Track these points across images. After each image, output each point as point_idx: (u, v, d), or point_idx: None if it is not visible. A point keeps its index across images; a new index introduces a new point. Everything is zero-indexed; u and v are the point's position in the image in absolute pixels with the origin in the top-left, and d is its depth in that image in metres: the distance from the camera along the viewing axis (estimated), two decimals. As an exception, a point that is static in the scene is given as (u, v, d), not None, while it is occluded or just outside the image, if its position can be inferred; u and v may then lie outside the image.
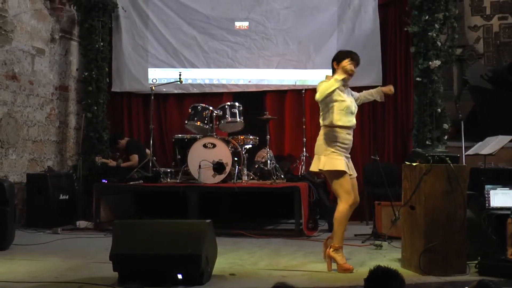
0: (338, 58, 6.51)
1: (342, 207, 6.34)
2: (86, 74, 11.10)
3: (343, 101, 6.42)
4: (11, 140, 9.61)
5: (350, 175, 6.43)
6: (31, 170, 10.07)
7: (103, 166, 10.37)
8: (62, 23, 11.05)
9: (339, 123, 6.41)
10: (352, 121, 6.49)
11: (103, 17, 11.17)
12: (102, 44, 11.16)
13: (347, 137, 6.45)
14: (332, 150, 6.38)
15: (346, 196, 6.36)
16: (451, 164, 6.08)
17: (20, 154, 9.84)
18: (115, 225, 6.16)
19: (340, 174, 6.35)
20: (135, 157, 10.46)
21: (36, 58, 10.28)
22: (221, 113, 9.89)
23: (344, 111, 6.42)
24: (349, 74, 6.42)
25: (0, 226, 7.52)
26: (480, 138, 9.12)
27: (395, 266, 4.59)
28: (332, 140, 6.40)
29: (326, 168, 6.39)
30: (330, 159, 6.38)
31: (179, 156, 9.99)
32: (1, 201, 7.59)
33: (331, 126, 6.42)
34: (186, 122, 10.02)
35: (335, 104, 6.41)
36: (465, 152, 9.01)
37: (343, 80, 6.33)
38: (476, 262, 6.05)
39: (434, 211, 6.02)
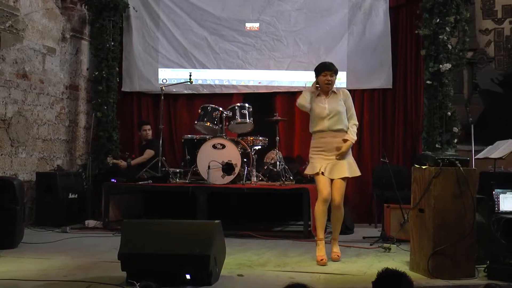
0: (315, 72, 7.24)
1: (316, 203, 7.02)
2: (96, 73, 11.15)
3: (315, 109, 7.10)
4: (21, 138, 9.64)
5: (322, 173, 6.95)
6: (40, 169, 10.10)
7: (113, 166, 10.37)
8: (73, 22, 11.09)
9: (312, 130, 7.20)
10: (322, 124, 7.05)
11: (114, 17, 11.21)
12: (112, 43, 11.20)
13: (322, 140, 7.07)
14: (310, 155, 7.18)
15: (318, 194, 7.02)
16: (460, 168, 6.06)
17: (30, 152, 9.87)
18: (123, 225, 6.17)
19: (314, 174, 7.07)
20: (150, 153, 10.42)
21: (47, 57, 10.31)
22: (230, 114, 9.90)
23: (316, 117, 7.12)
24: (325, 85, 7.11)
25: (9, 224, 7.55)
26: (490, 142, 9.08)
27: (404, 269, 4.58)
28: (310, 146, 7.22)
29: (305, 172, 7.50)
30: (308, 163, 7.22)
31: (188, 157, 10.00)
32: (11, 199, 7.63)
33: (311, 133, 7.20)
34: (196, 122, 10.03)
35: (311, 112, 7.19)
36: (474, 156, 8.98)
37: (311, 92, 7.11)
38: (485, 266, 6.03)
39: (443, 214, 6.01)
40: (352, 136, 7.03)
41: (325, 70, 7.12)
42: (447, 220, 6.00)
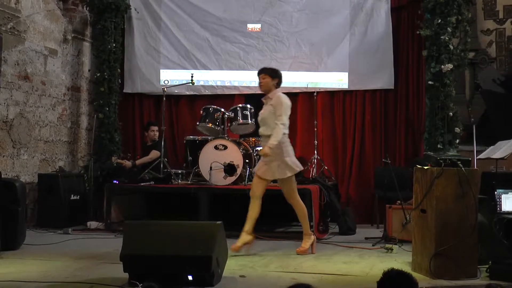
0: None
1: None
2: (98, 75, 11.14)
3: None
4: (23, 140, 9.65)
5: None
6: (42, 170, 10.11)
7: (117, 166, 10.36)
8: (74, 24, 11.10)
9: None
10: (260, 130, 7.67)
11: (115, 18, 11.20)
12: (114, 45, 11.19)
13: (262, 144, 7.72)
14: None
15: None
16: (462, 168, 6.06)
17: (31, 154, 9.88)
18: (125, 226, 6.18)
19: None
20: (156, 153, 10.34)
21: (48, 59, 10.32)
22: (232, 115, 9.88)
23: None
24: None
25: (11, 225, 7.53)
26: (492, 142, 9.08)
27: (406, 269, 4.57)
28: None
29: None
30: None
31: (190, 158, 9.99)
32: (13, 201, 7.61)
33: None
34: (198, 123, 10.02)
35: None
36: (476, 156, 8.98)
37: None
38: (487, 266, 6.04)
39: (445, 214, 6.01)
40: (272, 141, 7.25)
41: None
42: (449, 221, 6.00)
